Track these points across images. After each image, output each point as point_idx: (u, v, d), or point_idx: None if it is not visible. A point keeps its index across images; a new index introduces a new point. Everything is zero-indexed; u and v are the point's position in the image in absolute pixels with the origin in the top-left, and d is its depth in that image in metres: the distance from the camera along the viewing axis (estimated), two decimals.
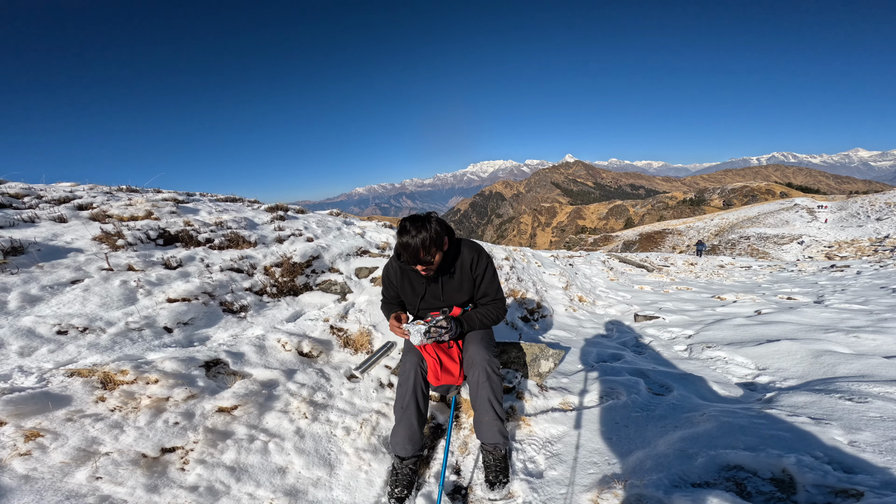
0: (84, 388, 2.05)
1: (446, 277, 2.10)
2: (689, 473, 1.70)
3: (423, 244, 1.81)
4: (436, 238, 1.85)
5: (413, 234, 1.81)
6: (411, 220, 1.85)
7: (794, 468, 1.61)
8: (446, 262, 2.04)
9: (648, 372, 3.04)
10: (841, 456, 1.72)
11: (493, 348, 2.11)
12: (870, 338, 3.71)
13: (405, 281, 2.14)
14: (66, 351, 2.51)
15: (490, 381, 1.96)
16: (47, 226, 4.23)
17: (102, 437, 1.81)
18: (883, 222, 29.94)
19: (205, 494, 1.72)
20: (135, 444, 1.81)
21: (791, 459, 1.65)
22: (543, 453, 2.12)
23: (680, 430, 2.01)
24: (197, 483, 1.75)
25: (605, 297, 8.15)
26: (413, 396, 1.97)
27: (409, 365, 2.05)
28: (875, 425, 1.97)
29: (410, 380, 1.99)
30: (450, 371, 2.07)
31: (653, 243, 53.10)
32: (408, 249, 1.82)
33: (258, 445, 1.99)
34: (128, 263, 3.51)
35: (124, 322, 2.77)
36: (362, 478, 2.00)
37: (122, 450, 1.78)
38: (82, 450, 1.74)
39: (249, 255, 3.98)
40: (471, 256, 2.07)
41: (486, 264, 2.11)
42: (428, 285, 2.11)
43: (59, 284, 3.11)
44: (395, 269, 2.15)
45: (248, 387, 2.26)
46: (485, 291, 2.14)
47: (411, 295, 2.16)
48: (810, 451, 1.73)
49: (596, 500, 1.69)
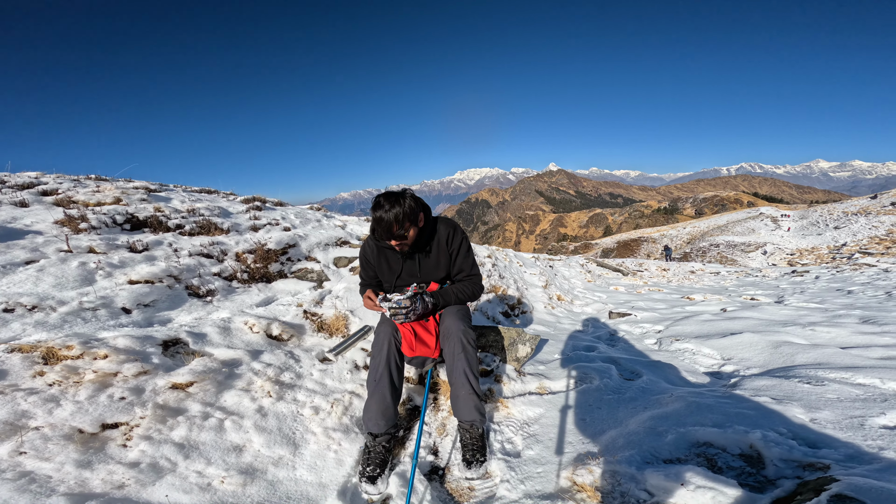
0: (23, 363, 1.87)
1: (423, 255, 2.05)
2: (659, 450, 1.64)
3: (397, 218, 1.77)
4: (409, 213, 1.82)
5: (387, 208, 1.77)
6: (385, 196, 1.82)
7: (760, 443, 1.57)
8: (422, 239, 1.98)
9: (620, 360, 3.01)
10: (804, 432, 1.69)
11: (469, 322, 2.05)
12: (825, 331, 3.80)
13: (382, 259, 2.07)
14: (10, 328, 2.30)
15: (465, 353, 1.89)
16: (7, 210, 3.95)
17: (34, 410, 1.64)
18: (840, 230, 31.27)
19: (146, 471, 1.56)
20: (70, 419, 1.64)
21: (757, 435, 1.61)
22: (521, 434, 2.05)
23: (650, 411, 1.96)
24: (139, 459, 1.60)
25: (582, 296, 8.18)
26: (386, 367, 1.87)
27: (382, 336, 1.96)
28: (834, 405, 1.97)
29: (384, 350, 1.90)
30: (425, 342, 2.01)
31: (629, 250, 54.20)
32: (381, 223, 1.78)
33: (213, 423, 1.83)
34: (89, 246, 3.28)
35: (77, 301, 2.56)
36: (331, 457, 1.86)
37: (55, 424, 1.61)
38: (8, 423, 1.57)
39: (221, 242, 3.79)
40: (446, 232, 2.03)
41: (461, 240, 2.07)
42: (404, 263, 2.05)
43: (12, 264, 2.89)
44: (371, 247, 2.08)
45: (207, 364, 2.10)
46: (460, 267, 2.09)
47: (388, 273, 2.08)
48: (774, 427, 1.70)
49: (572, 478, 1.63)
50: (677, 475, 1.42)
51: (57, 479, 1.46)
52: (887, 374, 2.30)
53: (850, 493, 1.13)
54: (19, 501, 1.34)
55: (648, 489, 1.47)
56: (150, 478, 1.55)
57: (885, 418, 1.77)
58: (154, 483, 1.54)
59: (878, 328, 3.87)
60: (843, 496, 1.13)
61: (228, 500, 1.56)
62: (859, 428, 1.70)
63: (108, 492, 1.47)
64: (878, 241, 23.66)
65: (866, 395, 2.07)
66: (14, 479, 1.41)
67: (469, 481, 1.76)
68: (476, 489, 1.70)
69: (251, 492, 1.62)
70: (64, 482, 1.46)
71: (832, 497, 1.13)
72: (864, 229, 28.72)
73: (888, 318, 4.50)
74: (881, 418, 1.78)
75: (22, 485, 1.39)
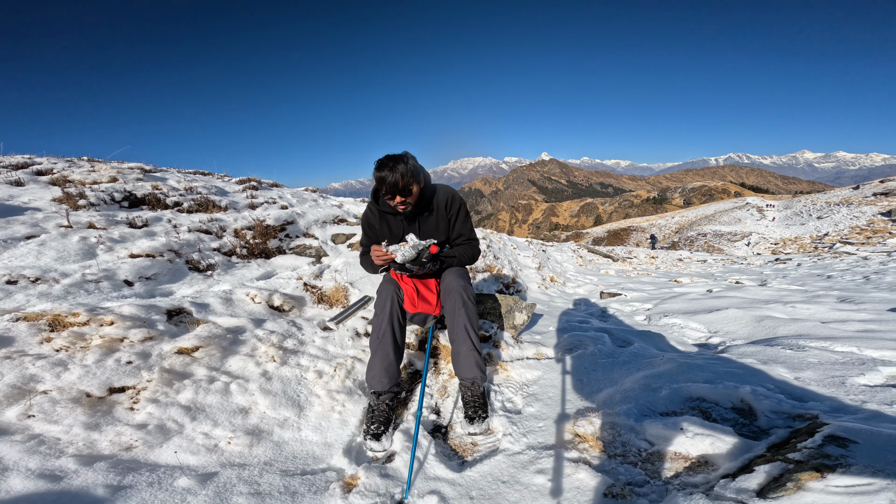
0: (29, 331, 1.85)
1: (423, 217, 2.06)
2: (655, 404, 1.70)
3: (403, 175, 1.78)
4: (413, 172, 1.83)
5: (391, 166, 1.78)
6: (388, 156, 1.83)
7: (750, 397, 1.63)
8: (423, 202, 1.99)
9: (612, 330, 3.07)
10: (790, 388, 1.75)
11: (469, 280, 2.08)
12: (805, 307, 3.92)
13: (384, 223, 2.08)
14: (14, 299, 2.28)
15: (466, 308, 1.93)
16: (3, 188, 3.87)
17: (42, 374, 1.63)
18: (823, 220, 31.73)
19: (154, 433, 1.57)
20: (78, 383, 1.64)
21: (747, 389, 1.67)
22: (521, 394, 2.09)
23: (643, 371, 2.02)
24: (146, 421, 1.60)
25: (574, 279, 8.26)
26: (389, 324, 1.89)
27: (385, 293, 1.97)
28: (815, 367, 2.05)
29: (387, 307, 1.92)
30: (426, 300, 2.05)
31: (619, 239, 54.58)
32: (386, 182, 1.78)
33: (219, 386, 1.84)
34: (89, 222, 3.24)
35: (80, 274, 2.54)
36: (335, 418, 1.88)
37: (63, 388, 1.61)
38: (17, 387, 1.57)
39: (219, 219, 3.75)
40: (446, 198, 2.05)
41: (459, 205, 2.09)
42: (405, 227, 2.06)
43: (13, 239, 2.85)
44: (374, 212, 2.09)
45: (212, 330, 2.10)
46: (459, 231, 2.12)
47: (389, 237, 2.10)
48: (762, 383, 1.76)
49: (573, 430, 1.67)
50: (675, 425, 1.48)
51: (66, 441, 1.46)
52: (864, 343, 2.38)
53: (842, 434, 1.19)
54: (29, 463, 1.34)
55: (648, 438, 1.52)
56: (157, 439, 1.56)
57: (864, 378, 1.85)
58: (161, 445, 1.55)
59: (854, 306, 3.99)
60: (835, 436, 1.19)
61: (235, 460, 1.57)
62: (841, 385, 1.77)
63: (116, 453, 1.48)
64: (858, 231, 24.10)
65: (845, 359, 2.14)
66: (23, 441, 1.41)
67: (472, 436, 1.79)
68: (479, 444, 1.74)
69: (258, 452, 1.63)
70: (73, 444, 1.46)
71: (826, 437, 1.20)
72: (845, 219, 29.20)
73: (865, 297, 4.63)
74: (861, 378, 1.85)
75: (31, 447, 1.40)
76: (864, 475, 1.01)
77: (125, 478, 1.35)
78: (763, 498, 1.05)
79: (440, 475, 1.51)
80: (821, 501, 0.98)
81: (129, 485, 1.33)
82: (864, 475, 1.01)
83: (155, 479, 1.37)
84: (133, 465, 1.42)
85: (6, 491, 1.23)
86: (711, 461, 1.36)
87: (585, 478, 1.37)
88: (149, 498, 1.30)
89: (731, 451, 1.34)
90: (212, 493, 1.36)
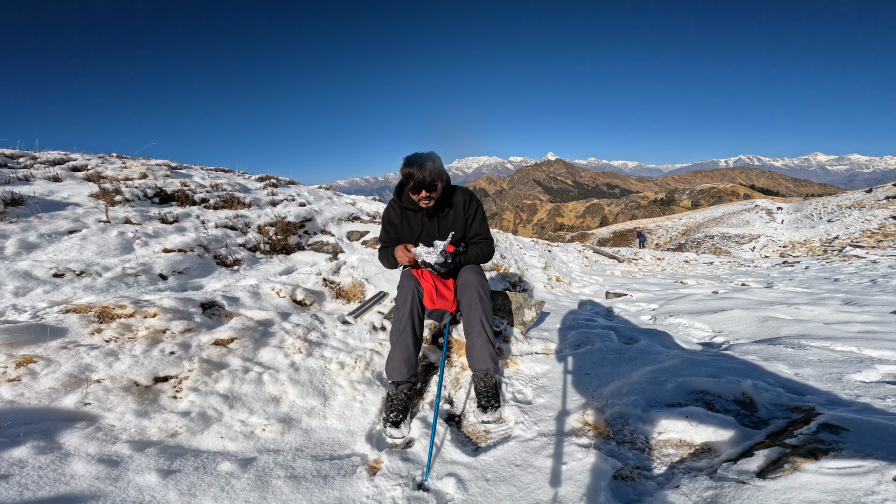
0: (80, 322, 1.99)
1: (442, 215, 2.15)
2: (661, 396, 1.78)
3: (431, 172, 1.90)
4: (439, 169, 1.95)
5: (420, 162, 1.90)
6: (416, 154, 1.94)
7: (751, 390, 1.70)
8: (443, 200, 2.10)
9: (619, 329, 3.14)
10: (789, 383, 1.83)
11: (484, 277, 2.17)
12: (809, 309, 3.94)
13: (404, 220, 2.18)
14: (62, 292, 2.43)
15: (482, 303, 2.02)
16: (42, 184, 4.05)
17: (96, 364, 1.75)
18: (834, 224, 31.14)
19: (196, 420, 1.67)
20: (128, 372, 1.75)
21: (748, 383, 1.74)
22: (531, 386, 2.18)
23: (649, 366, 2.10)
24: (189, 409, 1.71)
25: (579, 279, 8.30)
26: (410, 318, 1.99)
27: (406, 289, 2.07)
28: (814, 364, 2.11)
29: (408, 302, 2.01)
30: (444, 297, 2.14)
31: (625, 241, 54.11)
32: (414, 177, 1.89)
33: (252, 376, 1.96)
34: (125, 217, 3.40)
35: (121, 268, 2.69)
36: (357, 407, 1.99)
37: (115, 377, 1.72)
38: (74, 376, 1.68)
39: (244, 215, 3.90)
40: (464, 198, 2.15)
41: (477, 205, 2.19)
42: (425, 224, 2.15)
43: (57, 233, 3.01)
44: (395, 209, 2.18)
45: (245, 322, 2.23)
46: (476, 231, 2.21)
47: (409, 234, 2.19)
48: (763, 378, 1.83)
49: (583, 418, 1.76)
50: (680, 414, 1.57)
51: (119, 428, 1.55)
52: (864, 343, 2.43)
53: (835, 422, 1.29)
54: (88, 448, 1.41)
55: (655, 427, 1.60)
56: (199, 426, 1.65)
57: (861, 375, 1.92)
58: (203, 431, 1.63)
59: (859, 308, 4.00)
60: (828, 424, 1.28)
61: (270, 446, 1.64)
62: (838, 381, 1.84)
63: (163, 440, 1.56)
64: (869, 235, 23.64)
65: (844, 358, 2.20)
66: (82, 428, 1.49)
67: (485, 424, 1.89)
68: (492, 431, 1.84)
69: (289, 439, 1.71)
70: (126, 430, 1.55)
71: (820, 425, 1.29)
72: (856, 223, 28.63)
73: (870, 300, 4.62)
74: (857, 375, 1.92)
75: (90, 433, 1.48)
76: (854, 458, 1.10)
77: (174, 462, 1.43)
78: (762, 478, 1.14)
79: (457, 459, 1.60)
80: (815, 481, 1.07)
81: (177, 469, 1.40)
82: (854, 458, 1.10)
83: (200, 464, 1.45)
84: (179, 451, 1.50)
85: (70, 475, 1.29)
86: (714, 448, 1.44)
87: (596, 461, 1.46)
88: (196, 482, 1.37)
89: (733, 439, 1.42)
90: (253, 476, 1.43)
